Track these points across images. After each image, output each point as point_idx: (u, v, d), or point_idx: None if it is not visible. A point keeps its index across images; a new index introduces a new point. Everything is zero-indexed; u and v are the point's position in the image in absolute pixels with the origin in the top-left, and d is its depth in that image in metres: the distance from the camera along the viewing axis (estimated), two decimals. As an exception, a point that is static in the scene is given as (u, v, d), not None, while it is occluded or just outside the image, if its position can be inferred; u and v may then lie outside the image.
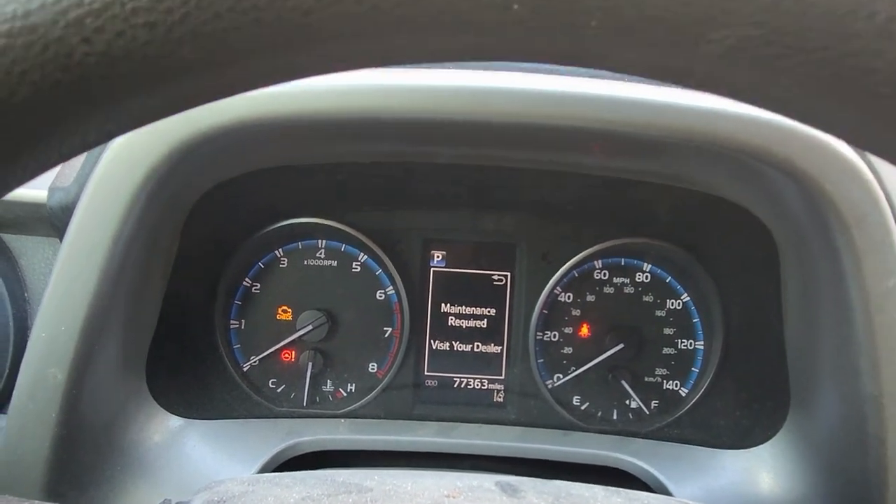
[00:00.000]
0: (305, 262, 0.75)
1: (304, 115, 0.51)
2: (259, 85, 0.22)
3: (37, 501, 0.39)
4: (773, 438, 0.64)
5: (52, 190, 0.57)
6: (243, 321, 0.75)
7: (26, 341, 0.61)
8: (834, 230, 0.50)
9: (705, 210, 0.65)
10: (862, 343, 0.52)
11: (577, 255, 0.72)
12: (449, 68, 0.55)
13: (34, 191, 0.58)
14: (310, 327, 0.73)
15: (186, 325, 0.71)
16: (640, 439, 0.71)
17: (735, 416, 0.70)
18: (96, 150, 0.53)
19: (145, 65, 0.18)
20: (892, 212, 0.50)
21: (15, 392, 0.54)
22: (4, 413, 0.64)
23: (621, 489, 0.44)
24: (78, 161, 0.55)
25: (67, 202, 0.55)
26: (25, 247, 0.64)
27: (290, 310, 0.75)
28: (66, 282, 0.52)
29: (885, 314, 0.51)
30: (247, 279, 0.75)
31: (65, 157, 0.21)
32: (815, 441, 0.61)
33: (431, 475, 0.45)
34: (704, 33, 0.20)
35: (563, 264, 0.73)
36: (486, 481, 0.43)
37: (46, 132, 0.20)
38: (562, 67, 0.52)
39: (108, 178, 0.51)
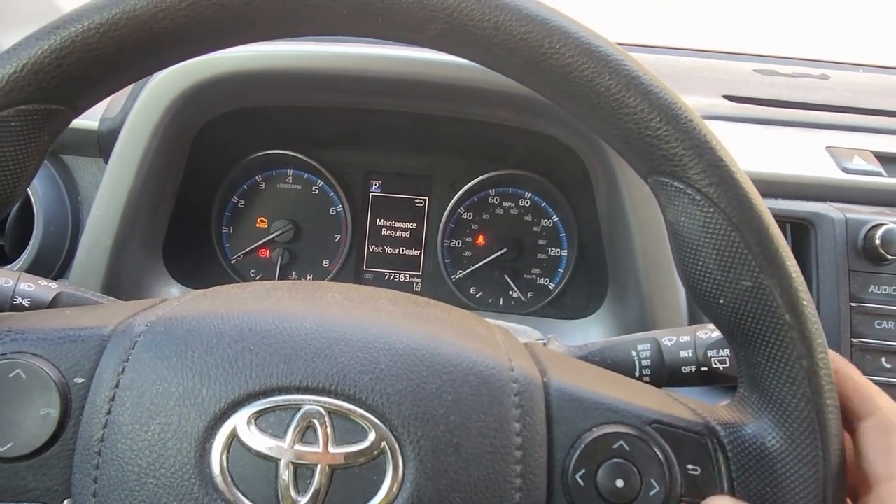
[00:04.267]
0: (278, 185, 1.02)
1: (275, 69, 0.78)
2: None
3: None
4: (598, 311, 0.92)
5: (102, 120, 0.83)
6: (231, 227, 1.02)
7: (79, 228, 0.88)
8: (609, 153, 0.77)
9: (558, 149, 0.91)
10: (634, 236, 0.79)
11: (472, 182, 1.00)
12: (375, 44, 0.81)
13: (88, 121, 0.84)
14: (280, 232, 1.00)
15: (192, 225, 0.98)
16: (516, 315, 0.98)
17: (580, 298, 0.98)
18: (136, 89, 0.80)
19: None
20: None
21: (77, 255, 0.80)
22: (64, 279, 0.92)
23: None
24: (122, 98, 0.82)
25: (113, 128, 0.81)
26: (78, 163, 0.89)
27: (265, 219, 1.02)
28: (112, 180, 0.79)
29: (644, 212, 0.77)
30: (235, 196, 1.02)
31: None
32: (622, 312, 0.88)
33: None
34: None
35: (465, 191, 1.00)
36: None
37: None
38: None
39: (142, 110, 0.78)
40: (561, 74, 0.41)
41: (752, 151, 0.83)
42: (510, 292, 1.00)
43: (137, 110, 0.78)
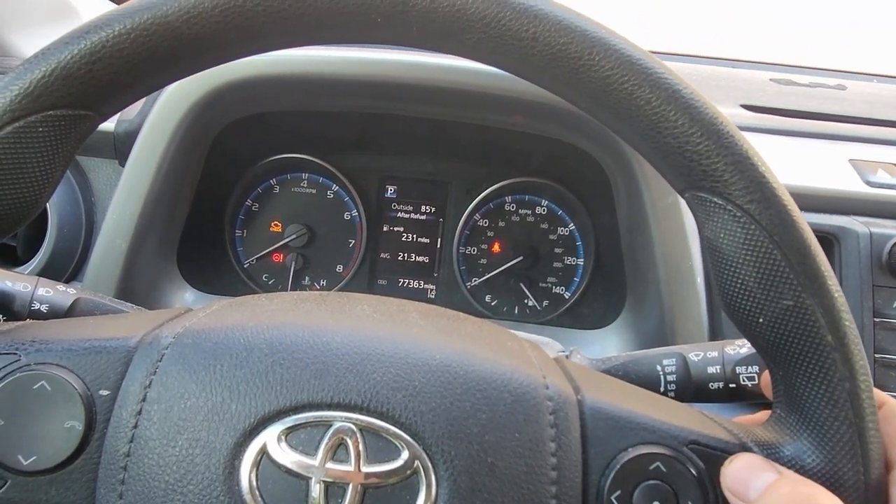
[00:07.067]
0: (293, 189, 1.01)
1: (293, 74, 0.78)
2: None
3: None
4: (615, 321, 0.91)
5: (119, 122, 0.82)
6: (245, 231, 1.01)
7: (93, 230, 0.87)
8: (633, 163, 0.76)
9: (576, 156, 0.90)
10: (655, 246, 0.78)
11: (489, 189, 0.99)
12: (393, 50, 0.81)
13: (105, 123, 0.84)
14: (294, 236, 0.99)
15: (205, 229, 0.97)
16: (532, 324, 0.97)
17: (597, 308, 0.97)
18: (154, 93, 0.79)
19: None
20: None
21: (91, 258, 0.79)
22: (77, 281, 0.91)
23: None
24: (139, 101, 0.81)
25: (131, 130, 0.80)
26: (93, 164, 0.89)
27: (280, 224, 1.01)
28: (129, 184, 0.78)
29: (667, 222, 0.76)
30: (249, 200, 1.01)
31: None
32: (640, 323, 0.87)
33: None
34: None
35: (481, 198, 0.99)
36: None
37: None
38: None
39: (161, 113, 0.77)
40: (600, 87, 0.40)
41: (773, 163, 0.82)
42: (525, 301, 1.00)
43: (156, 114, 0.77)
